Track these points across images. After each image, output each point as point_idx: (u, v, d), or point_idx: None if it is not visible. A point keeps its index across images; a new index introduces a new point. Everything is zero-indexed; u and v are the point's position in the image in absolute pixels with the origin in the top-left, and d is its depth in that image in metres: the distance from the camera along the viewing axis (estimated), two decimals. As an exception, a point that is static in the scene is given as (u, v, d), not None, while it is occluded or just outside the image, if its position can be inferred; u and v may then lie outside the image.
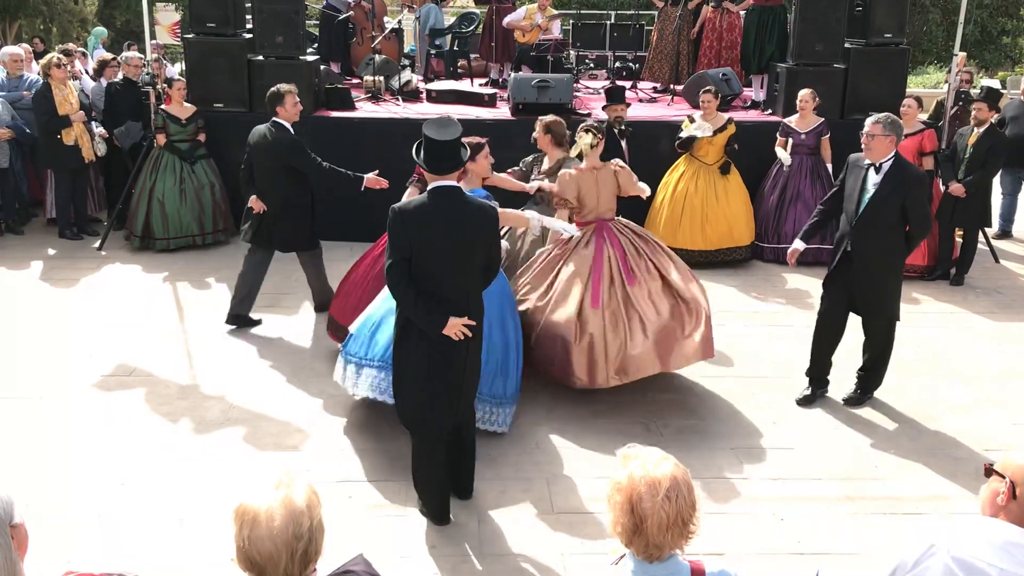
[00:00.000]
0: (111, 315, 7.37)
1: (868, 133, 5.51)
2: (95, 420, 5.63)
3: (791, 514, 4.74)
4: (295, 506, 2.07)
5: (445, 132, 4.26)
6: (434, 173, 4.24)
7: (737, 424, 5.70)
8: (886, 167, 5.51)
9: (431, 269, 4.20)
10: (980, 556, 2.31)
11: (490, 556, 4.35)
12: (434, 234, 4.17)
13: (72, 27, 28.68)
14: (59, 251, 9.15)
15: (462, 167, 4.37)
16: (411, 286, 4.20)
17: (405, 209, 4.21)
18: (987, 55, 26.03)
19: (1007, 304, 8.07)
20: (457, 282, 4.26)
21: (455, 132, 4.28)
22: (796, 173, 8.90)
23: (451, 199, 4.23)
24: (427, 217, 4.18)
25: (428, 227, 4.16)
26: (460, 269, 4.27)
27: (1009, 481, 2.35)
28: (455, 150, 4.26)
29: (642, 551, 2.26)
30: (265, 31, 9.61)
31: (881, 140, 5.47)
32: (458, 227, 4.21)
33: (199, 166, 9.24)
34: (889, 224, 5.54)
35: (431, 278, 4.21)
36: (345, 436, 5.47)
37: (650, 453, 2.32)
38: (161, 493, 4.80)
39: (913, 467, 5.24)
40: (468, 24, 13.44)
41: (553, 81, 9.66)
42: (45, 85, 9.00)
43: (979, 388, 6.32)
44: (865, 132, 5.54)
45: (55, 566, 3.32)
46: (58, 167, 9.31)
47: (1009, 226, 10.36)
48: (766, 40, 10.67)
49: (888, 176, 5.49)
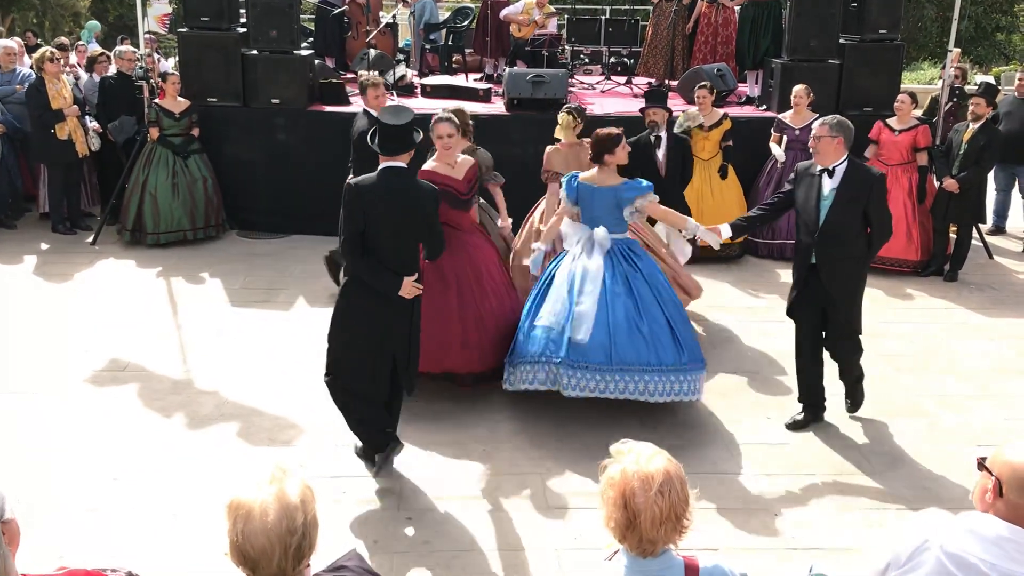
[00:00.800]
0: (105, 310, 7.35)
1: (815, 135, 5.26)
2: (89, 415, 5.62)
3: (784, 509, 4.75)
4: (289, 501, 2.07)
5: (397, 118, 4.72)
6: (384, 154, 4.74)
7: (730, 419, 5.70)
8: (840, 171, 5.20)
9: (380, 241, 4.64)
10: (971, 551, 2.32)
11: (484, 551, 4.35)
12: (383, 209, 4.60)
13: (65, 21, 28.57)
14: (52, 246, 9.12)
15: (411, 149, 4.76)
16: (366, 255, 4.66)
17: (359, 184, 4.65)
18: (981, 51, 26.08)
19: (1000, 300, 8.09)
20: (401, 251, 4.72)
21: (406, 118, 4.73)
22: (790, 169, 8.90)
23: (399, 178, 4.67)
24: (378, 193, 4.61)
25: (378, 202, 4.60)
26: (404, 240, 4.74)
27: (995, 479, 2.35)
28: (405, 134, 4.70)
29: (635, 546, 2.26)
30: (259, 25, 9.58)
31: (828, 142, 5.18)
32: (404, 203, 4.65)
33: (192, 160, 9.22)
34: (855, 231, 5.27)
35: (380, 249, 4.65)
36: (339, 432, 5.46)
37: (643, 448, 2.32)
38: (154, 488, 4.80)
39: (906, 462, 5.25)
40: (463, 19, 13.42)
41: (548, 76, 9.64)
42: (39, 79, 8.97)
43: (972, 383, 6.34)
44: (812, 135, 5.31)
45: (48, 560, 3.31)
46: (51, 162, 9.28)
47: (1003, 222, 10.38)
48: (761, 35, 10.66)
49: (845, 180, 5.19)
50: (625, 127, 5.90)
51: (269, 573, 2.05)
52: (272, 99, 9.60)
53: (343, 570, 2.30)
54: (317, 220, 9.12)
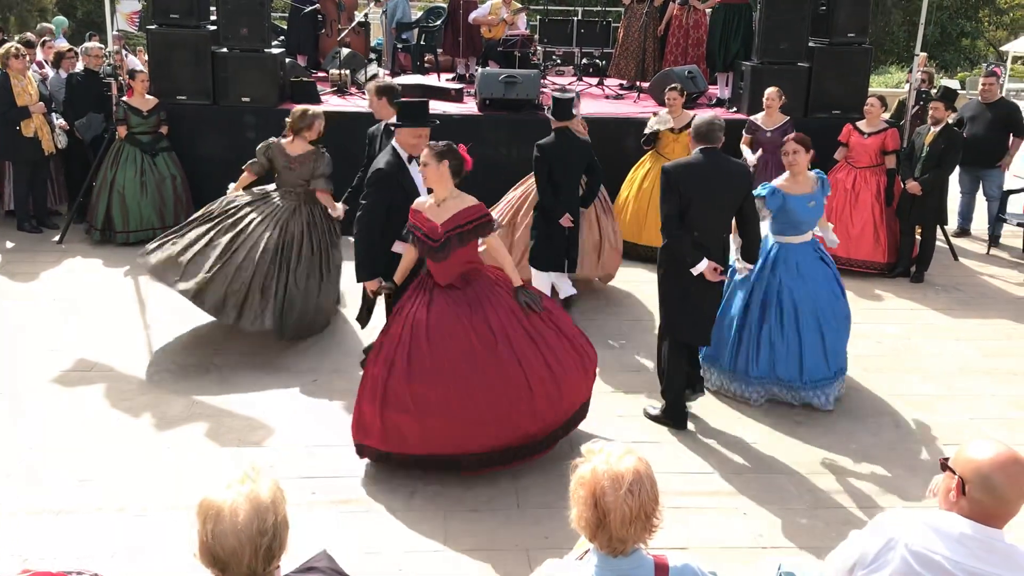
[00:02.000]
0: (71, 309, 7.26)
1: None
2: (55, 415, 5.54)
3: (753, 508, 4.79)
4: (260, 501, 2.06)
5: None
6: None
7: (701, 418, 5.74)
8: None
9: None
10: (936, 549, 2.35)
11: (455, 551, 4.35)
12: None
13: (31, 17, 28.18)
14: (18, 244, 8.99)
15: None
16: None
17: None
18: (947, 56, 26.47)
19: (965, 301, 8.21)
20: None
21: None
22: (762, 171, 8.97)
23: None
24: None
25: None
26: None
27: (959, 478, 2.39)
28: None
29: (605, 545, 2.27)
30: (229, 23, 9.51)
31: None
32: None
33: (160, 159, 9.13)
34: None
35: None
36: (309, 432, 5.44)
37: (613, 448, 2.33)
38: (122, 489, 4.74)
39: (874, 461, 5.31)
40: (435, 18, 13.39)
41: (520, 77, 9.66)
42: (3, 75, 8.83)
43: (938, 383, 6.43)
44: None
45: (12, 563, 3.27)
46: (17, 159, 9.14)
47: (968, 224, 10.53)
48: (731, 38, 10.74)
49: None
50: (593, 128, 5.92)
51: (239, 574, 2.04)
52: (242, 97, 9.54)
53: (313, 571, 2.29)
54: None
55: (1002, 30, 31.27)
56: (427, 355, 4.70)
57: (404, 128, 5.42)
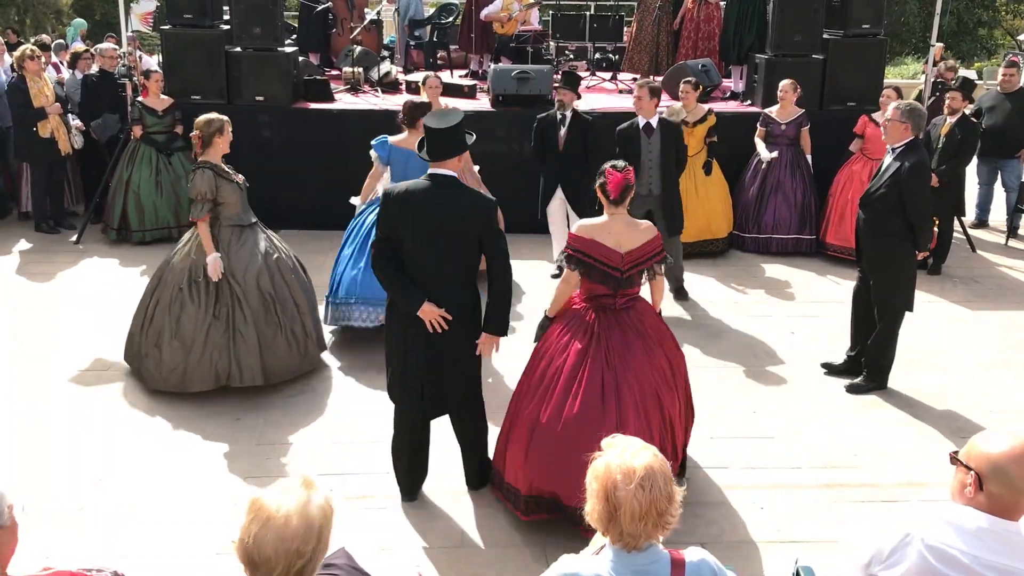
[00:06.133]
0: (89, 309, 7.31)
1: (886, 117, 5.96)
2: (73, 415, 5.59)
3: (770, 503, 4.77)
4: (309, 520, 2.08)
5: (443, 121, 4.32)
6: (432, 159, 4.31)
7: (717, 413, 5.72)
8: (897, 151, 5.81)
9: (415, 253, 4.28)
10: (953, 544, 2.34)
11: (472, 548, 4.36)
12: (417, 218, 4.22)
13: (47, 19, 28.33)
14: (36, 244, 9.06)
15: (460, 154, 4.34)
16: (391, 265, 4.31)
17: (391, 192, 4.34)
18: (964, 46, 26.23)
19: (983, 293, 8.14)
20: (441, 270, 4.29)
21: (454, 120, 4.32)
22: (776, 164, 8.93)
23: (445, 187, 4.28)
24: (415, 200, 4.25)
25: (413, 211, 4.24)
26: (444, 257, 4.28)
27: (974, 473, 2.37)
28: (451, 136, 4.28)
29: (617, 539, 2.27)
30: (242, 22, 9.54)
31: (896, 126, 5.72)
32: (447, 214, 4.23)
33: (176, 158, 9.18)
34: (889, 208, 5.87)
35: (414, 263, 4.29)
36: (327, 429, 5.46)
37: (630, 442, 2.33)
38: (140, 488, 4.77)
39: (891, 454, 5.29)
40: (448, 15, 13.38)
41: (533, 72, 9.64)
42: (20, 77, 8.90)
43: (956, 376, 6.38)
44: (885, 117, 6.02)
45: (33, 561, 3.30)
46: (34, 160, 9.22)
47: (986, 215, 10.44)
48: (745, 31, 10.67)
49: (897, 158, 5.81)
50: (612, 122, 5.89)
51: None
52: (256, 96, 9.56)
53: (332, 568, 2.30)
54: (301, 217, 9.12)
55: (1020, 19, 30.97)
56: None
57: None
